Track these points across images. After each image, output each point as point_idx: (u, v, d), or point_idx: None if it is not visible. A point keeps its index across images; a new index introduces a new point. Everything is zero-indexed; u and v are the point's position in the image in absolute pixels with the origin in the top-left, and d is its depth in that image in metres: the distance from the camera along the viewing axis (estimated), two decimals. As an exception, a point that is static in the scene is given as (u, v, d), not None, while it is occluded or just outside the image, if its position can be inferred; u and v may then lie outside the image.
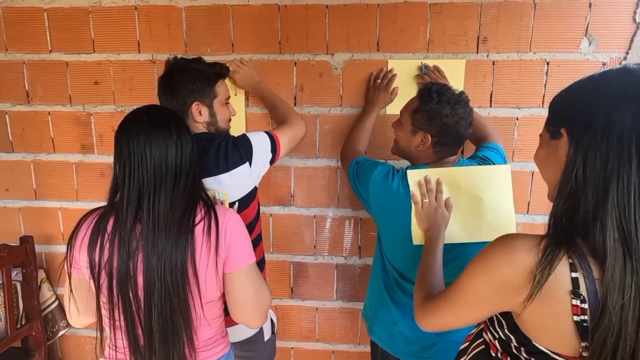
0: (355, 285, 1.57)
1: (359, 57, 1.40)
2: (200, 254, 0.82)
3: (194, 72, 1.05)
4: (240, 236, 0.88)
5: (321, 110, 1.45)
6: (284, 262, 1.58)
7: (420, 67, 1.36)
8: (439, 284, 0.86)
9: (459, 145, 1.08)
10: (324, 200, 1.51)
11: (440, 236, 0.96)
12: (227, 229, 0.85)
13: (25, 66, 1.49)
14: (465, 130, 1.03)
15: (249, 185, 1.10)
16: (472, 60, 1.37)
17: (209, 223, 0.83)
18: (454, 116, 1.01)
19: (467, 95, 1.05)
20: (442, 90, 1.02)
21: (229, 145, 1.06)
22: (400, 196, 1.03)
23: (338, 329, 1.63)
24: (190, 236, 0.81)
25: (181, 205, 0.82)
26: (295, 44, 1.40)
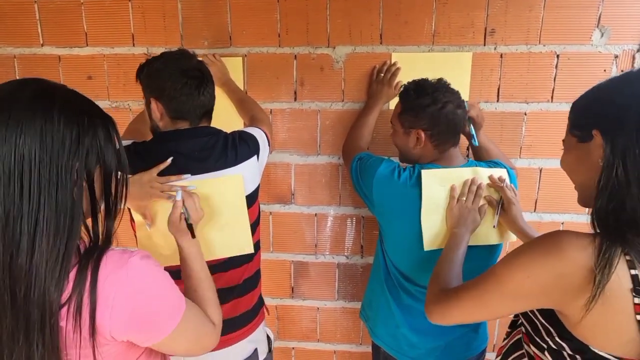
0: (357, 285, 1.54)
1: (361, 50, 1.35)
2: (67, 349, 0.55)
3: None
4: (143, 308, 0.59)
5: (322, 105, 1.40)
6: (284, 261, 1.54)
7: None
8: (457, 279, 0.84)
9: (455, 131, 1.04)
10: (325, 198, 1.47)
11: (466, 237, 0.94)
12: (115, 308, 0.56)
13: (17, 60, 1.44)
14: (455, 114, 1.00)
15: (256, 180, 1.08)
16: (479, 53, 1.32)
17: (77, 303, 0.54)
18: (437, 102, 0.99)
19: (447, 81, 1.04)
20: (419, 84, 1.03)
21: (236, 138, 1.03)
22: (407, 195, 0.99)
23: (340, 329, 1.60)
24: (48, 330, 0.52)
25: (42, 273, 0.52)
26: (295, 36, 1.35)
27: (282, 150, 1.44)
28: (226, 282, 1.02)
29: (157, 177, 0.92)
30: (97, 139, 0.57)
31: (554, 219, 1.41)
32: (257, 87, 1.40)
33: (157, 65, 0.96)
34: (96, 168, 0.58)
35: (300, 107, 1.40)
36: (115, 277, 0.56)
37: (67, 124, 0.54)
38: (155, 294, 0.61)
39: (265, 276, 1.55)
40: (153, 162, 0.93)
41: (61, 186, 0.53)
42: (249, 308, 1.08)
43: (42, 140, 0.51)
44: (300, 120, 1.41)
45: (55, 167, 0.52)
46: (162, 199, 0.92)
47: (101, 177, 0.59)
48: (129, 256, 0.58)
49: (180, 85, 0.93)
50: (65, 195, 0.53)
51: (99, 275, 0.55)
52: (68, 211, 0.53)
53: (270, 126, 1.26)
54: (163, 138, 0.98)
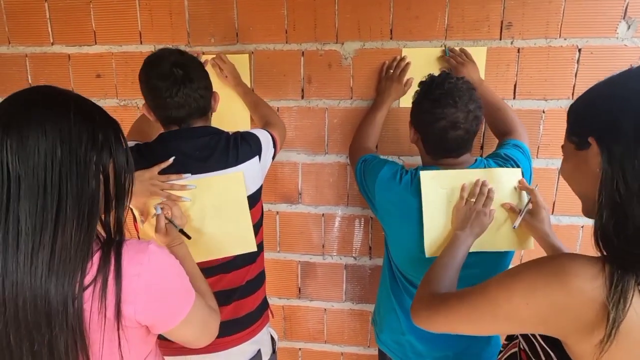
0: (365, 287, 1.51)
1: (370, 45, 1.31)
2: (89, 333, 0.58)
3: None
4: (164, 290, 0.64)
5: (330, 103, 1.37)
6: (291, 261, 1.52)
7: (444, 50, 1.25)
8: (449, 285, 0.79)
9: (445, 151, 0.96)
10: (332, 198, 1.44)
11: (468, 241, 0.88)
12: (138, 289, 0.60)
13: (28, 59, 1.46)
14: (445, 133, 0.90)
15: (258, 181, 1.05)
16: (495, 47, 1.25)
17: (103, 285, 0.58)
18: (431, 115, 0.91)
19: (469, 95, 0.92)
20: (432, 82, 0.94)
21: (238, 138, 1.02)
22: (407, 200, 0.95)
23: (347, 331, 1.57)
24: (72, 311, 0.55)
25: (65, 256, 0.55)
26: (303, 32, 1.32)
27: (289, 149, 1.41)
28: (228, 284, 1.01)
29: (158, 175, 0.92)
30: (109, 136, 0.62)
31: (573, 222, 1.34)
32: (264, 85, 1.37)
33: (140, 72, 0.96)
34: (109, 163, 0.62)
35: (308, 105, 1.37)
36: (138, 259, 0.61)
37: (82, 121, 0.58)
38: (174, 279, 0.66)
39: (271, 276, 1.54)
40: (155, 162, 0.93)
41: (81, 176, 0.57)
42: (252, 310, 1.06)
43: (62, 137, 0.56)
44: (307, 118, 1.38)
45: (75, 159, 0.57)
46: (161, 196, 0.92)
47: (114, 172, 0.63)
48: (148, 244, 0.64)
49: (155, 91, 0.93)
50: (85, 185, 0.58)
51: (123, 259, 0.60)
52: (88, 199, 0.58)
53: (283, 130, 1.24)
54: (165, 138, 0.97)
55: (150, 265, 0.61)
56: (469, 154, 0.99)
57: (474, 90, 0.94)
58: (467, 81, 0.95)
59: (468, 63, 1.21)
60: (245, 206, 0.98)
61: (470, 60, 1.22)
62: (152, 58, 0.95)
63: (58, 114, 0.57)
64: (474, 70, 1.20)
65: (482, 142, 1.32)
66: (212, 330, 0.76)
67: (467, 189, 0.94)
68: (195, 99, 0.94)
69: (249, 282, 1.05)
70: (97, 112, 0.62)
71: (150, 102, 0.96)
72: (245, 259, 1.03)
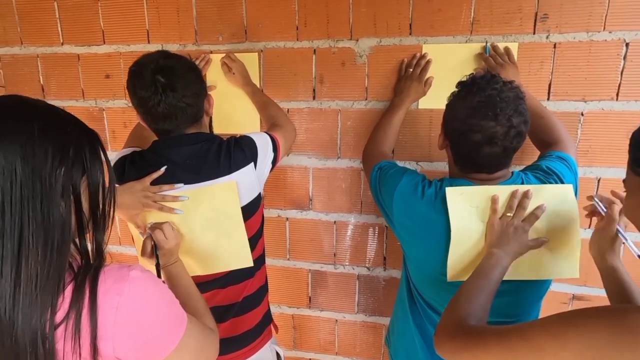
0: (379, 299, 1.42)
1: (387, 42, 1.21)
2: None
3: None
4: (149, 321, 0.56)
5: (343, 104, 1.28)
6: (301, 269, 1.46)
7: (484, 47, 1.12)
8: (481, 314, 0.69)
9: (476, 166, 0.83)
10: (345, 205, 1.36)
11: (505, 262, 0.75)
12: (117, 323, 0.53)
13: (39, 60, 1.45)
14: (478, 147, 0.78)
15: (254, 189, 0.98)
16: (527, 43, 1.13)
17: (76, 321, 0.50)
18: (464, 125, 0.79)
19: (514, 106, 0.77)
20: (472, 84, 0.80)
21: (231, 144, 0.95)
22: (429, 217, 0.85)
23: (359, 344, 1.49)
24: (42, 353, 0.49)
25: (31, 291, 0.48)
26: (315, 28, 1.23)
27: (299, 153, 1.34)
28: (223, 300, 0.96)
29: (149, 186, 0.86)
30: (82, 151, 0.55)
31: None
32: (274, 85, 1.30)
33: (126, 82, 0.91)
34: (82, 181, 0.55)
35: (319, 107, 1.29)
36: (116, 289, 0.54)
37: (48, 135, 0.51)
38: (160, 308, 0.59)
39: (281, 284, 1.48)
40: (146, 171, 0.88)
41: (46, 199, 0.50)
42: (251, 327, 1.00)
43: (23, 153, 0.49)
44: (319, 120, 1.30)
45: (39, 180, 0.50)
46: (154, 208, 0.87)
47: (88, 191, 0.57)
48: (129, 269, 0.56)
49: (140, 102, 0.87)
50: (52, 208, 0.51)
51: (99, 290, 0.53)
52: (57, 224, 0.51)
53: (291, 132, 1.16)
54: (156, 146, 0.92)
55: (130, 295, 0.54)
56: (506, 169, 0.87)
57: (522, 100, 0.79)
58: (517, 87, 0.80)
59: (509, 66, 1.07)
60: (239, 218, 0.91)
61: (512, 62, 1.09)
62: (134, 67, 0.89)
63: (19, 127, 0.50)
64: (514, 75, 1.06)
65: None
66: (211, 354, 0.70)
67: (500, 200, 0.82)
68: (182, 109, 0.88)
69: (246, 299, 0.99)
70: (70, 123, 0.55)
71: (139, 114, 0.91)
72: (243, 274, 0.97)
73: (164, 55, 0.89)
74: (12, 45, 1.45)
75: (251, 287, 0.99)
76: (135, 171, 0.90)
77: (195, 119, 0.92)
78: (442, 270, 0.84)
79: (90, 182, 0.56)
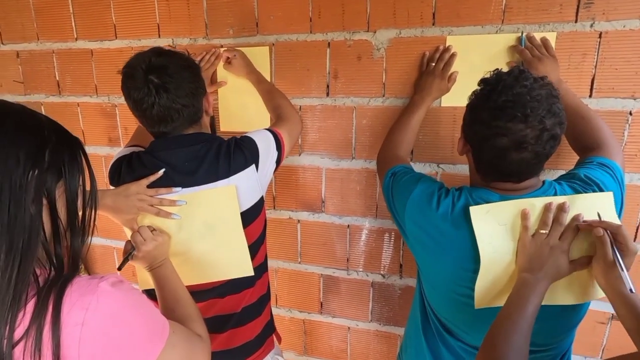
0: (395, 309, 1.34)
1: (408, 34, 1.11)
2: None
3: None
4: (119, 337, 0.52)
5: (359, 101, 1.19)
6: (313, 274, 1.40)
7: (519, 38, 1.01)
8: (520, 355, 0.61)
9: (501, 174, 0.73)
10: (359, 209, 1.28)
11: (541, 288, 0.66)
12: (83, 341, 0.48)
13: (55, 55, 1.45)
14: (504, 153, 0.68)
15: (256, 193, 0.93)
16: (567, 32, 1.00)
17: (36, 339, 0.46)
18: (489, 128, 0.69)
19: (547, 105, 0.67)
20: (498, 81, 0.70)
21: (231, 146, 0.89)
22: (445, 231, 0.76)
23: (373, 353, 1.42)
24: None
25: None
26: (329, 20, 1.15)
27: (311, 153, 1.27)
28: (221, 310, 0.91)
29: (145, 189, 0.82)
30: (60, 156, 0.53)
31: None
32: (285, 80, 1.23)
33: (121, 85, 0.87)
34: (59, 186, 0.53)
35: (333, 104, 1.21)
36: (82, 304, 0.49)
37: (21, 137, 0.50)
38: (132, 321, 0.54)
39: (292, 288, 1.43)
40: (142, 174, 0.83)
41: (15, 202, 0.48)
42: (251, 339, 0.95)
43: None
44: (332, 118, 1.22)
45: (8, 182, 0.48)
46: (150, 212, 0.83)
47: (65, 197, 0.54)
48: (99, 281, 0.52)
49: (134, 104, 0.83)
50: (20, 212, 0.48)
51: (63, 305, 0.48)
52: (25, 229, 0.48)
53: (297, 124, 1.10)
54: (153, 147, 0.88)
55: (98, 310, 0.50)
56: (536, 178, 0.76)
57: (557, 99, 0.69)
58: (549, 83, 0.70)
59: (547, 58, 0.95)
60: (239, 225, 0.86)
61: (551, 55, 0.97)
62: (126, 68, 0.84)
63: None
64: (553, 68, 0.94)
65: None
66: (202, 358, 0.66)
67: (531, 216, 0.71)
68: (177, 110, 0.82)
69: (245, 309, 0.94)
70: (49, 128, 0.53)
71: (136, 117, 0.87)
72: (243, 283, 0.92)
73: (156, 52, 0.83)
74: (29, 41, 1.45)
75: (251, 296, 0.94)
76: (130, 173, 0.86)
77: (193, 119, 0.87)
78: (459, 291, 0.76)
79: (67, 187, 0.53)
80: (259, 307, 0.98)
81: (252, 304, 0.95)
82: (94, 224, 0.58)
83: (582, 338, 0.94)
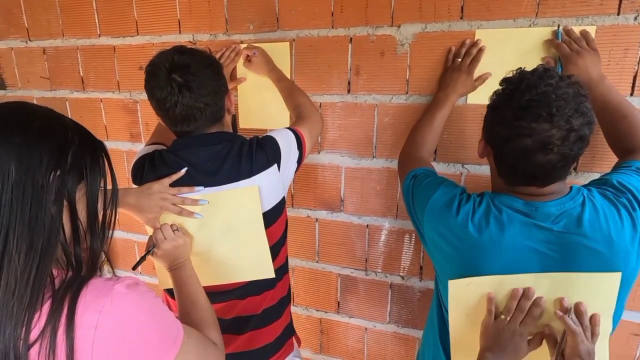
0: (414, 311, 1.31)
1: (434, 28, 1.06)
2: None
3: None
4: (133, 341, 0.52)
5: (381, 98, 1.16)
6: (331, 273, 1.38)
7: (555, 32, 0.95)
8: None
9: (525, 178, 0.70)
10: (379, 209, 1.25)
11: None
12: (97, 343, 0.49)
13: (79, 52, 1.47)
14: (528, 154, 0.65)
15: (278, 192, 0.91)
16: (608, 26, 0.93)
17: (51, 341, 0.46)
18: (511, 128, 0.66)
19: (575, 104, 0.64)
20: (521, 80, 0.67)
21: (253, 145, 0.88)
22: (465, 240, 0.72)
23: (390, 355, 1.40)
24: None
25: (8, 299, 0.46)
26: (352, 14, 1.12)
27: (331, 151, 1.25)
28: (242, 311, 0.90)
29: (168, 187, 0.82)
30: (82, 158, 0.54)
31: None
32: (306, 77, 1.21)
33: (144, 84, 0.86)
34: (79, 188, 0.53)
35: (355, 101, 1.18)
36: (96, 306, 0.50)
37: (45, 138, 0.51)
38: (146, 325, 0.54)
39: (309, 286, 1.42)
40: (164, 173, 0.83)
41: (36, 201, 0.49)
42: (271, 341, 0.95)
43: (19, 155, 0.48)
44: (353, 116, 1.19)
45: (30, 181, 0.49)
46: (172, 212, 0.82)
47: (85, 199, 0.54)
48: (114, 283, 0.53)
49: (158, 103, 0.83)
50: (40, 212, 0.49)
51: (78, 307, 0.49)
52: (44, 229, 0.49)
53: (318, 123, 1.09)
54: (175, 146, 0.88)
55: (112, 313, 0.50)
56: (562, 182, 0.72)
57: (585, 98, 0.65)
58: (576, 82, 0.67)
59: (587, 52, 0.89)
60: (261, 226, 0.85)
61: (592, 48, 0.90)
62: (149, 67, 0.84)
63: (16, 130, 0.49)
64: (594, 62, 0.88)
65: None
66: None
67: (494, 301, 0.72)
68: (200, 109, 0.82)
69: (266, 311, 0.93)
70: (73, 131, 0.54)
71: (159, 116, 0.87)
72: (264, 284, 0.91)
73: (178, 51, 0.83)
74: (55, 37, 1.48)
75: (272, 298, 0.93)
76: (153, 172, 0.87)
77: (215, 118, 0.87)
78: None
79: (88, 190, 0.54)
80: (279, 309, 0.97)
81: (272, 305, 0.94)
82: (113, 226, 0.58)
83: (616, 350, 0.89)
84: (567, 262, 0.68)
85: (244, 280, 0.90)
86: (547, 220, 0.69)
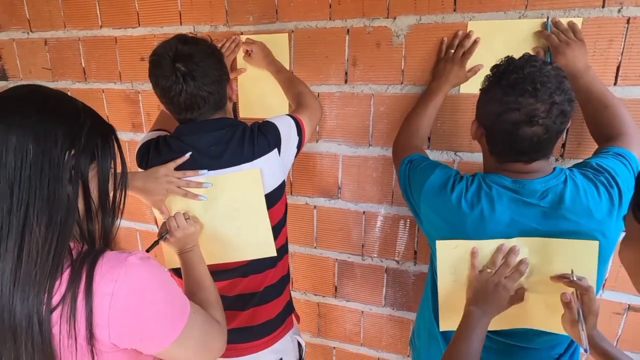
0: (408, 294, 1.36)
1: (428, 20, 1.10)
2: (61, 358, 0.53)
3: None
4: (145, 309, 0.56)
5: (377, 88, 1.20)
6: (328, 258, 1.43)
7: (544, 23, 0.99)
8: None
9: (514, 152, 0.76)
10: (375, 195, 1.30)
11: (483, 321, 0.73)
12: (113, 309, 0.53)
13: (81, 43, 1.49)
14: (516, 128, 0.71)
15: (278, 176, 0.95)
16: (593, 18, 0.97)
17: (71, 306, 0.51)
18: (501, 104, 0.72)
19: (557, 82, 0.71)
20: (508, 64, 0.74)
21: (255, 130, 0.92)
22: (457, 216, 0.78)
23: (385, 337, 1.45)
24: (38, 333, 0.50)
25: (31, 268, 0.50)
26: (349, 6, 1.15)
27: (329, 139, 1.29)
28: (244, 288, 0.95)
29: (173, 171, 0.86)
30: (94, 140, 0.57)
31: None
32: (304, 68, 1.25)
33: (148, 73, 0.89)
34: (92, 168, 0.57)
35: (351, 91, 1.22)
36: (112, 275, 0.53)
37: (60, 119, 0.54)
38: (157, 295, 0.58)
39: (307, 271, 1.47)
40: (170, 157, 0.87)
41: (54, 179, 0.52)
42: (272, 317, 0.99)
43: (35, 134, 0.51)
44: (350, 105, 1.23)
45: (47, 160, 0.52)
46: (177, 194, 0.87)
47: (97, 179, 0.58)
48: (127, 255, 0.56)
49: (162, 92, 0.86)
50: (58, 189, 0.52)
51: (95, 276, 0.53)
52: (62, 204, 0.53)
53: (317, 110, 1.13)
54: (180, 132, 0.91)
55: (126, 282, 0.54)
56: (546, 161, 0.78)
57: (565, 79, 0.73)
58: (558, 67, 0.74)
59: (575, 43, 0.94)
60: (263, 207, 0.89)
61: (578, 39, 0.95)
62: (153, 56, 0.87)
63: (32, 111, 0.52)
64: (581, 53, 0.93)
65: (564, 139, 1.06)
66: (214, 348, 0.69)
67: (479, 255, 0.77)
68: (204, 98, 0.85)
69: (267, 288, 0.98)
70: (86, 114, 0.57)
71: (163, 104, 0.90)
72: (265, 263, 0.96)
73: (181, 40, 0.86)
74: (56, 28, 1.50)
75: (273, 276, 0.98)
76: (158, 157, 0.90)
77: (218, 106, 0.90)
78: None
79: (99, 170, 0.57)
80: (280, 287, 1.02)
81: (273, 283, 0.99)
82: (124, 204, 0.61)
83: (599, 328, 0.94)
84: (551, 235, 0.74)
85: (247, 259, 0.94)
86: (533, 197, 0.75)
